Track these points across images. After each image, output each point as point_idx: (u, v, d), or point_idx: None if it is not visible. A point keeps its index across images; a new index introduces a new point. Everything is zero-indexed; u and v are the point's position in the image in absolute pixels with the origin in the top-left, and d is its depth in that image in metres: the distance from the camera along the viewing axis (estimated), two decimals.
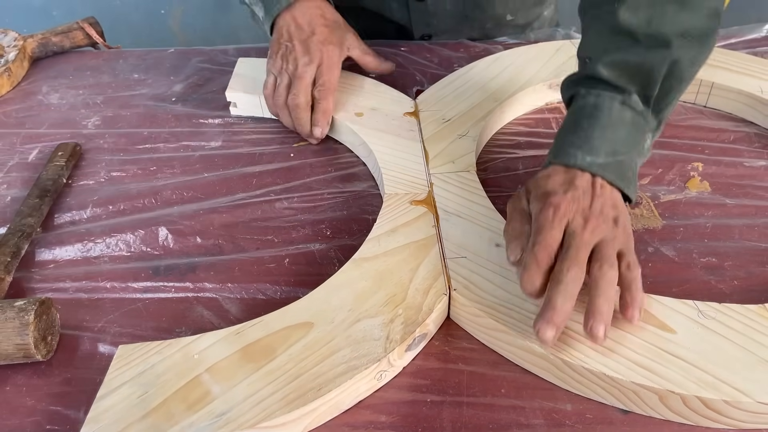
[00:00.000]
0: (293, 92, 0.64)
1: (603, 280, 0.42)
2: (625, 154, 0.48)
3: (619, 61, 0.49)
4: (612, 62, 0.49)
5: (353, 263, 0.48)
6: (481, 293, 0.46)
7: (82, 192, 0.62)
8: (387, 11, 0.89)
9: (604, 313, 0.41)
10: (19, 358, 0.44)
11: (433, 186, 0.56)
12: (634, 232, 0.55)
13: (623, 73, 0.49)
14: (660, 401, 0.40)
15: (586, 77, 0.51)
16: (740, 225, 0.55)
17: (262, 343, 0.43)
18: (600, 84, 0.50)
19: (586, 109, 0.50)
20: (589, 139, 0.48)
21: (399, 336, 0.43)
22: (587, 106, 0.50)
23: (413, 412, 0.42)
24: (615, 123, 0.49)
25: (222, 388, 0.40)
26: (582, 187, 0.46)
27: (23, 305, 0.44)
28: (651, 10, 0.48)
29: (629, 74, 0.49)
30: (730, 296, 0.49)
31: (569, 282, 0.41)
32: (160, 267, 0.54)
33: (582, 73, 0.52)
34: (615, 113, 0.49)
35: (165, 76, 0.80)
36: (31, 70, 0.82)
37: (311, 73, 0.65)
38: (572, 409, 0.42)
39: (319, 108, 0.65)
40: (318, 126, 0.65)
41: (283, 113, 0.66)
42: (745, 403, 0.38)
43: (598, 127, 0.48)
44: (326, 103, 0.65)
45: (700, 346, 0.42)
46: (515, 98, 0.68)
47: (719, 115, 0.69)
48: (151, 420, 0.38)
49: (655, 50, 0.48)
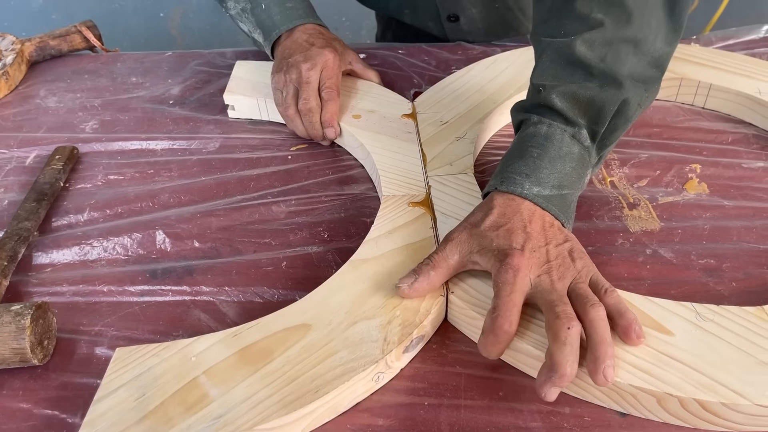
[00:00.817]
0: (303, 97, 0.65)
1: (599, 323, 0.40)
2: (569, 188, 0.48)
3: (573, 93, 0.49)
4: (566, 93, 0.49)
5: (351, 265, 0.48)
6: (479, 296, 0.46)
7: (80, 195, 0.62)
8: (425, 27, 0.92)
9: (610, 355, 0.39)
10: (15, 363, 0.44)
11: (431, 188, 0.56)
12: (633, 234, 0.55)
13: (576, 106, 0.49)
14: (658, 404, 0.40)
15: (539, 105, 0.50)
16: (738, 227, 0.55)
17: (259, 346, 0.42)
18: (552, 113, 0.50)
19: (537, 138, 0.49)
20: (537, 169, 0.48)
21: (396, 338, 0.43)
22: (538, 135, 0.49)
23: (411, 416, 0.42)
24: (564, 156, 0.49)
25: (219, 390, 0.40)
26: (535, 233, 0.45)
27: (20, 309, 0.44)
28: (607, 48, 0.48)
29: (581, 108, 0.49)
30: (729, 298, 0.49)
31: (574, 341, 0.39)
32: (157, 270, 0.53)
33: (535, 100, 0.51)
34: (565, 146, 0.49)
35: (163, 79, 0.80)
36: (29, 74, 0.82)
37: (316, 76, 0.65)
38: (570, 412, 0.42)
39: (328, 109, 0.65)
40: (331, 126, 0.65)
41: (296, 122, 0.66)
42: (743, 405, 0.38)
43: (547, 158, 0.48)
44: (334, 104, 0.65)
45: (698, 349, 0.41)
46: (513, 100, 0.68)
47: (717, 117, 0.70)
48: (148, 423, 0.38)
49: (608, 87, 0.48)
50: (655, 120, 0.69)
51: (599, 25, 0.48)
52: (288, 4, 0.70)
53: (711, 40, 0.82)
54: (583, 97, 0.49)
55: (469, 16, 0.88)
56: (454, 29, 0.90)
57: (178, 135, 0.70)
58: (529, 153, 0.49)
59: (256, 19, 0.71)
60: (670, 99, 0.72)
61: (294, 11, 0.70)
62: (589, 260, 0.46)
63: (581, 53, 0.48)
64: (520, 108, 0.53)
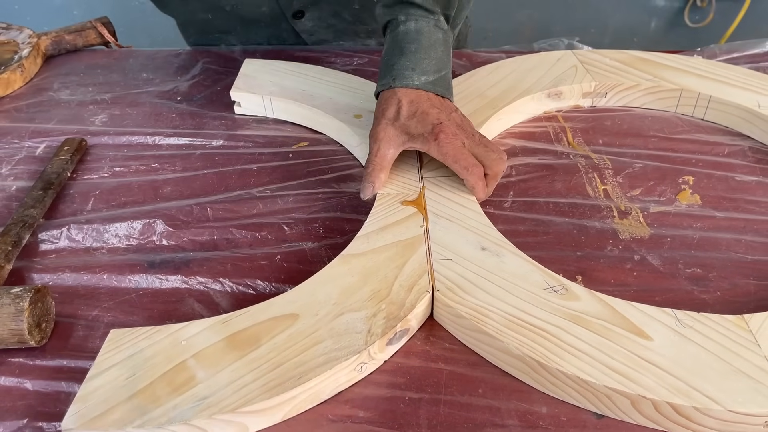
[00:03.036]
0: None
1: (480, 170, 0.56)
2: (445, 69, 0.59)
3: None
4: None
5: (341, 259, 0.50)
6: (464, 295, 0.47)
7: (85, 186, 0.64)
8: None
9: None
10: (13, 343, 0.46)
11: (425, 189, 0.57)
12: (623, 240, 0.56)
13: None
14: (632, 406, 0.41)
15: (400, 2, 0.60)
16: (728, 238, 0.56)
17: (247, 333, 0.44)
18: (414, 8, 0.59)
19: (410, 34, 0.58)
20: (419, 61, 0.57)
21: (380, 330, 0.44)
22: (410, 31, 0.59)
23: (391, 408, 0.43)
24: (434, 44, 0.58)
25: (206, 373, 0.41)
26: (437, 109, 0.56)
27: (19, 292, 0.46)
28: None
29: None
30: (712, 306, 0.50)
31: (479, 173, 0.56)
32: (156, 260, 0.55)
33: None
34: (432, 35, 0.59)
35: (172, 75, 0.82)
36: (44, 67, 0.85)
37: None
38: (547, 411, 0.43)
39: None
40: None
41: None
42: (716, 410, 0.39)
43: (422, 50, 0.58)
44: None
45: (676, 354, 0.42)
46: (513, 106, 0.69)
47: (716, 129, 0.70)
48: (137, 401, 0.39)
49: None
50: (652, 130, 0.69)
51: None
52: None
53: (715, 52, 0.83)
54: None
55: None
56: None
57: (183, 130, 0.71)
58: (408, 49, 0.58)
59: None
60: (669, 110, 0.73)
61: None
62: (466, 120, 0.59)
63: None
64: (383, 8, 0.62)
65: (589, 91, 0.73)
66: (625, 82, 0.72)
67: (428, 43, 0.58)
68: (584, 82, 0.72)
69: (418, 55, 0.58)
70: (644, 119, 0.71)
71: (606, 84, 0.72)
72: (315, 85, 0.73)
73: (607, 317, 0.45)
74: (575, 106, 0.74)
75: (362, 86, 0.73)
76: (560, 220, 0.58)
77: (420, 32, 0.58)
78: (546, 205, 0.60)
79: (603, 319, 0.45)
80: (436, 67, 0.58)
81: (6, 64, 0.79)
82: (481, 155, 0.56)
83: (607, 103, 0.74)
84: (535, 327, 0.44)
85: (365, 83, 0.73)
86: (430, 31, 0.59)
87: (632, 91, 0.73)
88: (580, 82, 0.72)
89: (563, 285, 0.47)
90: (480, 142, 0.56)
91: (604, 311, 0.45)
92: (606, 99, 0.74)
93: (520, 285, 0.47)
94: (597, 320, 0.44)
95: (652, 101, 0.73)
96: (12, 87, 0.79)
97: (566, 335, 0.43)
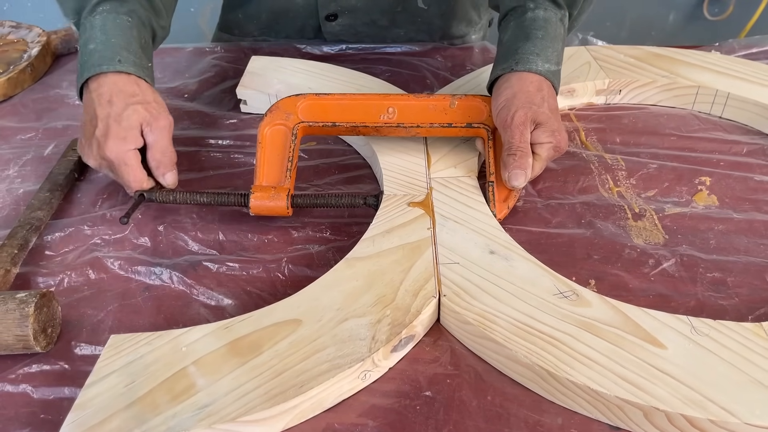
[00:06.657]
0: None
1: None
2: (561, 65, 0.59)
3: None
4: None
5: (346, 262, 0.49)
6: (471, 300, 0.45)
7: (93, 187, 0.63)
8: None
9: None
10: (19, 349, 0.45)
11: (432, 190, 0.56)
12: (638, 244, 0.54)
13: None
14: (645, 417, 0.39)
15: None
16: (746, 240, 0.54)
17: (249, 339, 0.43)
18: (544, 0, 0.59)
19: (538, 21, 0.58)
20: (544, 49, 0.57)
21: (385, 336, 0.43)
22: (538, 19, 0.58)
23: (398, 417, 0.42)
24: (557, 36, 0.59)
25: (207, 381, 0.40)
26: (553, 106, 0.57)
27: (24, 297, 0.45)
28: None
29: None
30: (730, 313, 0.48)
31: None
32: (163, 263, 0.54)
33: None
34: (558, 28, 0.59)
35: (180, 73, 0.81)
36: (53, 66, 0.84)
37: None
38: (558, 422, 0.41)
39: None
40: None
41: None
42: (732, 423, 0.38)
43: (548, 38, 0.58)
44: None
45: (690, 363, 0.41)
46: None
47: (734, 127, 0.68)
48: (135, 409, 0.39)
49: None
50: (668, 129, 0.67)
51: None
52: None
53: (734, 48, 0.80)
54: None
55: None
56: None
57: (191, 129, 0.71)
58: (535, 35, 0.57)
59: None
60: (686, 107, 0.71)
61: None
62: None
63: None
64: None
65: (602, 89, 0.71)
66: (640, 79, 0.70)
67: (554, 33, 0.58)
68: (598, 79, 0.71)
69: (544, 42, 0.57)
70: (660, 117, 0.70)
71: (620, 81, 0.71)
72: (322, 83, 0.72)
73: (619, 324, 0.43)
74: (588, 103, 0.72)
75: (369, 83, 0.72)
76: (572, 222, 0.57)
77: (548, 21, 0.58)
78: (558, 207, 0.58)
79: (615, 326, 0.43)
80: (556, 59, 0.58)
81: (15, 63, 0.79)
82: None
83: (622, 100, 0.72)
84: (545, 334, 0.43)
85: (372, 80, 0.72)
86: (556, 24, 0.59)
87: (647, 89, 0.71)
88: (594, 79, 0.71)
89: (574, 290, 0.46)
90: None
91: (616, 318, 0.44)
92: (620, 96, 0.72)
93: (530, 290, 0.46)
94: (609, 328, 0.43)
95: (667, 98, 0.71)
96: (21, 86, 0.79)
97: (576, 343, 0.42)
